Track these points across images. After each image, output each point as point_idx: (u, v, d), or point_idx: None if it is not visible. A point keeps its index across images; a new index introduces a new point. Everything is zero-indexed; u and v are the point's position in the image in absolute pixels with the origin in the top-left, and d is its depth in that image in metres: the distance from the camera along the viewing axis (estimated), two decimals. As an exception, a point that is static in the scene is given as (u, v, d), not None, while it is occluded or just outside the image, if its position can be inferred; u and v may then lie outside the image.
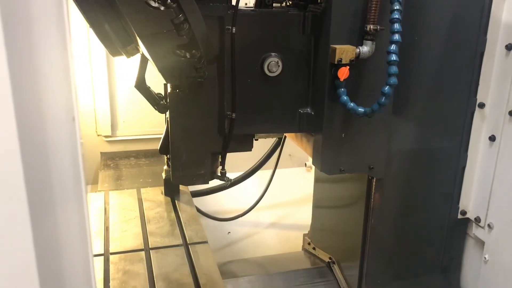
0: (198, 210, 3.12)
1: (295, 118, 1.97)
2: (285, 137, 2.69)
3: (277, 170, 3.51)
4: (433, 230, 2.26)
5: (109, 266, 2.11)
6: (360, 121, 1.89)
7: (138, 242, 2.30)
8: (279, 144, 2.92)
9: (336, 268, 2.53)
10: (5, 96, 0.50)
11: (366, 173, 2.10)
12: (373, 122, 1.91)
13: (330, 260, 2.59)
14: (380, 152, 2.01)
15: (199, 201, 3.26)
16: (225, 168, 2.05)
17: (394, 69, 1.70)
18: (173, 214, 2.57)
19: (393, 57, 1.69)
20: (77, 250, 0.65)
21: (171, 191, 2.74)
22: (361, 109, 1.78)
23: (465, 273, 2.34)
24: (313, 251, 2.78)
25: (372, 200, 2.15)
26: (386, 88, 1.72)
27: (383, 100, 1.72)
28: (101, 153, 3.66)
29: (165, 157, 2.50)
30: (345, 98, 1.79)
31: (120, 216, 2.54)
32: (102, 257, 2.18)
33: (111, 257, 2.18)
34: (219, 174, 2.07)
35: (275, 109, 1.95)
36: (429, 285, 2.33)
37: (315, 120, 1.94)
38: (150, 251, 2.24)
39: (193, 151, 1.97)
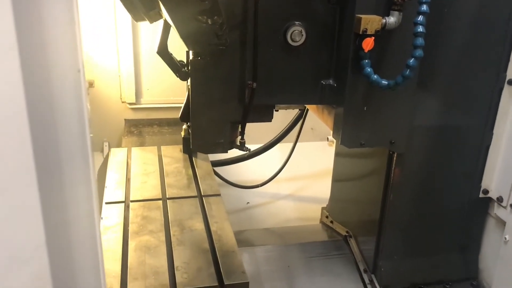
0: (220, 177, 3.16)
1: (317, 90, 1.94)
2: (307, 110, 2.67)
3: (298, 144, 3.50)
4: (453, 208, 2.23)
5: (129, 212, 2.29)
6: (383, 94, 1.86)
7: (156, 193, 2.47)
8: (300, 117, 2.90)
9: (352, 242, 2.53)
10: (11, 48, 0.50)
11: (387, 148, 2.07)
12: (396, 95, 1.87)
13: (347, 234, 2.59)
14: (402, 126, 1.98)
15: (220, 171, 3.29)
16: (244, 138, 2.05)
17: (420, 41, 1.65)
18: (190, 170, 2.73)
19: (420, 29, 1.64)
20: (83, 201, 0.66)
21: (189, 149, 2.85)
22: (384, 82, 1.75)
23: (484, 253, 2.32)
24: (330, 224, 2.78)
25: (392, 175, 2.12)
26: (411, 61, 1.67)
27: (407, 72, 1.68)
28: (125, 120, 3.70)
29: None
30: (368, 70, 1.75)
31: (140, 170, 2.71)
32: (123, 204, 2.35)
33: (131, 204, 2.35)
34: (238, 144, 2.07)
35: (297, 80, 1.93)
36: (446, 263, 2.31)
37: (337, 92, 1.91)
38: (167, 200, 2.41)
39: (212, 120, 1.97)
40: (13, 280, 0.56)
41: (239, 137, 2.07)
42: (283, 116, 3.05)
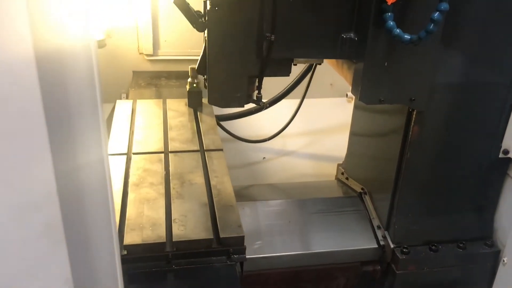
0: (228, 132, 3.16)
1: (337, 43, 1.89)
2: (316, 64, 2.59)
3: (317, 99, 3.45)
4: (472, 168, 2.20)
5: (130, 164, 2.32)
6: (405, 49, 1.80)
7: (159, 146, 2.48)
8: (309, 70, 2.83)
9: (367, 198, 2.53)
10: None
11: (406, 105, 2.03)
12: (418, 51, 1.81)
13: (362, 191, 2.59)
14: (423, 83, 1.93)
15: (235, 124, 3.29)
16: (261, 92, 2.03)
17: (446, -7, 1.58)
18: (194, 124, 2.73)
19: (447, -20, 1.57)
20: (93, 149, 0.66)
21: (194, 103, 2.87)
22: (407, 36, 1.69)
23: (500, 213, 2.30)
24: (346, 181, 2.78)
25: (410, 133, 2.09)
26: (435, 14, 1.61)
27: (431, 27, 1.62)
28: (133, 72, 3.68)
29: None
30: (391, 23, 1.69)
31: (145, 122, 2.72)
32: (125, 156, 2.38)
33: (133, 157, 2.37)
34: (255, 98, 2.05)
35: (317, 33, 1.88)
36: (461, 222, 2.30)
37: (358, 46, 1.86)
38: (169, 154, 2.43)
39: (229, 73, 1.94)
40: (25, 227, 0.57)
41: (256, 92, 2.05)
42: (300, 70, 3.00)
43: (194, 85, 2.83)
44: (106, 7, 3.48)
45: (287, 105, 3.26)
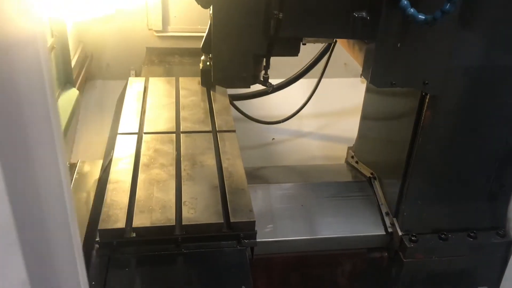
0: (241, 112, 3.10)
1: (349, 22, 1.80)
2: (335, 42, 2.52)
3: (330, 79, 3.35)
4: (486, 155, 2.12)
5: (141, 144, 2.29)
6: (419, 30, 1.71)
7: (170, 125, 2.45)
8: (327, 50, 2.75)
9: (376, 184, 2.47)
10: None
11: (419, 89, 1.95)
12: (433, 32, 1.72)
13: (371, 176, 2.52)
14: (437, 66, 1.84)
15: (242, 105, 3.23)
16: (268, 73, 1.96)
17: (465, -29, 1.48)
18: (206, 104, 2.68)
19: (466, -43, 1.47)
20: (45, 144, 0.60)
21: (208, 81, 2.79)
22: (421, 16, 1.60)
23: (514, 202, 2.22)
24: (355, 164, 2.71)
25: (422, 118, 2.01)
26: (453, -7, 1.51)
27: (447, 7, 1.53)
28: (146, 48, 3.63)
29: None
30: (405, 2, 1.60)
31: (156, 101, 2.68)
32: (136, 135, 2.35)
33: (144, 137, 2.34)
34: (261, 79, 1.98)
35: (327, 11, 1.79)
36: (473, 211, 2.23)
37: (370, 25, 1.77)
38: (181, 134, 2.39)
39: (235, 52, 1.87)
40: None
41: (263, 72, 1.98)
42: (313, 50, 2.92)
43: (208, 63, 2.75)
44: (115, -19, 3.41)
45: (298, 85, 3.19)
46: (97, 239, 1.81)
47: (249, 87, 2.03)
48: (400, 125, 2.22)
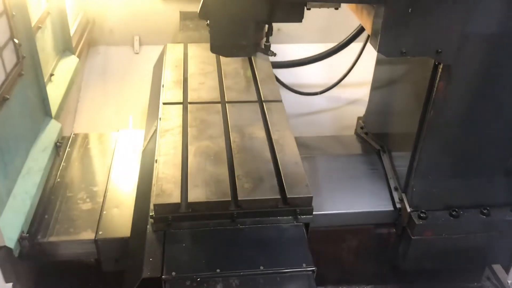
0: (283, 84, 3.03)
1: (356, -15, 1.67)
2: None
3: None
4: (501, 129, 2.00)
5: (187, 114, 2.26)
6: (433, -7, 1.57)
7: (215, 95, 2.41)
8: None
9: (386, 157, 2.37)
10: None
11: (432, 58, 1.81)
12: (448, -4, 1.58)
13: (380, 149, 2.41)
14: (451, 34, 1.71)
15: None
16: (270, 41, 1.85)
17: None
18: (249, 72, 2.61)
19: None
20: None
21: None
22: (435, -22, 1.46)
23: (530, 178, 2.10)
24: (365, 136, 2.61)
25: (435, 89, 1.88)
26: (469, -47, 1.37)
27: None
28: (180, 12, 3.50)
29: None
30: (417, -38, 1.46)
31: (197, 69, 2.63)
32: (181, 105, 2.32)
33: (189, 106, 2.32)
34: (262, 47, 1.87)
35: (333, -27, 1.66)
36: (486, 187, 2.13)
37: (379, -12, 1.63)
38: (226, 104, 2.36)
39: (234, 18, 1.77)
40: None
41: (264, 39, 1.87)
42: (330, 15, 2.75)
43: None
44: None
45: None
46: (151, 213, 1.79)
47: (250, 56, 1.93)
48: (411, 97, 2.10)
